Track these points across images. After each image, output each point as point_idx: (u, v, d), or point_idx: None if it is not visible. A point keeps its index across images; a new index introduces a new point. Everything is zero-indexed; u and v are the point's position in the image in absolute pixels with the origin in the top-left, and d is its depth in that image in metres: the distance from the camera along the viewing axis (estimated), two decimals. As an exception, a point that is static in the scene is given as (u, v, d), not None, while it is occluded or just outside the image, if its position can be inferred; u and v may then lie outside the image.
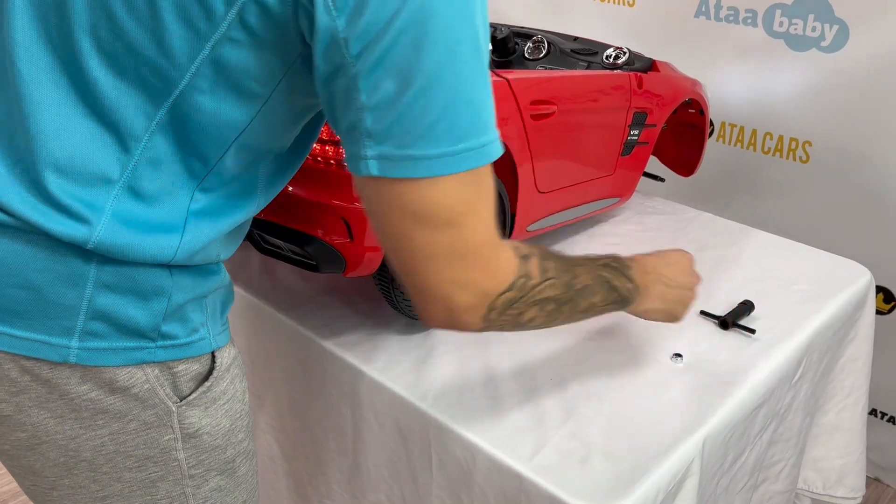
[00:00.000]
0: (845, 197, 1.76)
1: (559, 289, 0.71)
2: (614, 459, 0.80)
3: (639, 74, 1.28)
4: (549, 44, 1.35)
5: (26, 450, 0.68)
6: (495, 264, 0.64)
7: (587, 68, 1.31)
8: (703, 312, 1.09)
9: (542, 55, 1.34)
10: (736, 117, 1.91)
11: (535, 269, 0.68)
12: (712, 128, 1.94)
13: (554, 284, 0.71)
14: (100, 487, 0.69)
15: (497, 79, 1.01)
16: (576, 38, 1.42)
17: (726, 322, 1.05)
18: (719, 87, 1.88)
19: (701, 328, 1.06)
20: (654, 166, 1.57)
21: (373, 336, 1.01)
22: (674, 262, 0.89)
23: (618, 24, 2.04)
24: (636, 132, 1.31)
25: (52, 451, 0.67)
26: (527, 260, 0.68)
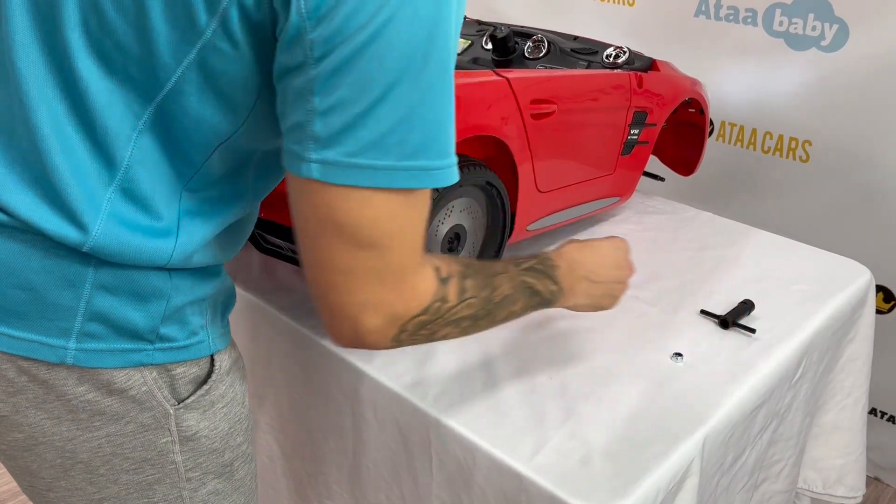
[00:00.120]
0: (845, 196, 1.76)
1: (476, 307, 0.70)
2: (614, 459, 0.80)
3: (639, 74, 1.28)
4: (549, 43, 1.35)
5: (23, 450, 0.68)
6: (412, 289, 0.62)
7: (587, 68, 1.31)
8: (703, 312, 1.09)
9: (542, 54, 1.34)
10: (736, 117, 1.91)
11: (452, 292, 0.66)
12: (712, 127, 1.94)
13: (471, 304, 0.69)
14: (96, 489, 0.69)
15: (497, 78, 1.01)
16: (576, 38, 1.42)
17: (726, 321, 1.05)
18: (719, 86, 1.88)
19: (701, 328, 1.06)
20: (654, 166, 1.57)
21: (373, 335, 1.01)
22: (605, 255, 0.86)
23: (618, 24, 2.04)
24: (636, 131, 1.31)
25: (48, 452, 0.67)
26: (445, 283, 0.66)
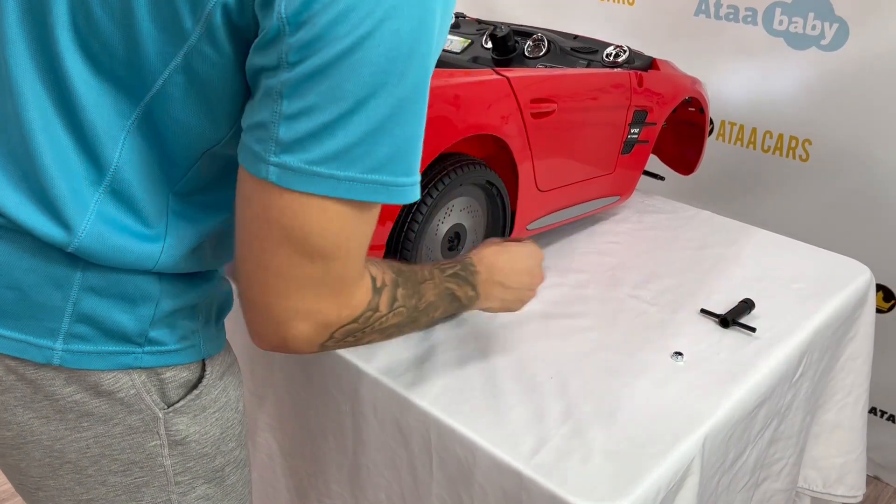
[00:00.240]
0: (845, 195, 1.76)
1: (403, 316, 0.70)
2: (615, 458, 0.80)
3: (639, 73, 1.28)
4: (549, 42, 1.35)
5: (12, 448, 0.68)
6: (347, 299, 0.62)
7: (587, 67, 1.31)
8: (703, 311, 1.09)
9: (542, 53, 1.34)
10: (736, 116, 1.91)
11: (384, 302, 0.66)
12: (712, 126, 1.94)
13: (399, 313, 0.69)
14: (84, 490, 0.69)
15: (497, 77, 1.01)
16: (576, 37, 1.42)
17: (726, 320, 1.05)
18: (719, 85, 1.88)
19: (701, 327, 1.06)
20: (654, 165, 1.57)
21: (373, 334, 1.01)
22: (520, 261, 0.88)
23: (618, 23, 2.04)
24: (636, 130, 1.31)
25: (37, 450, 0.67)
26: (379, 293, 0.66)
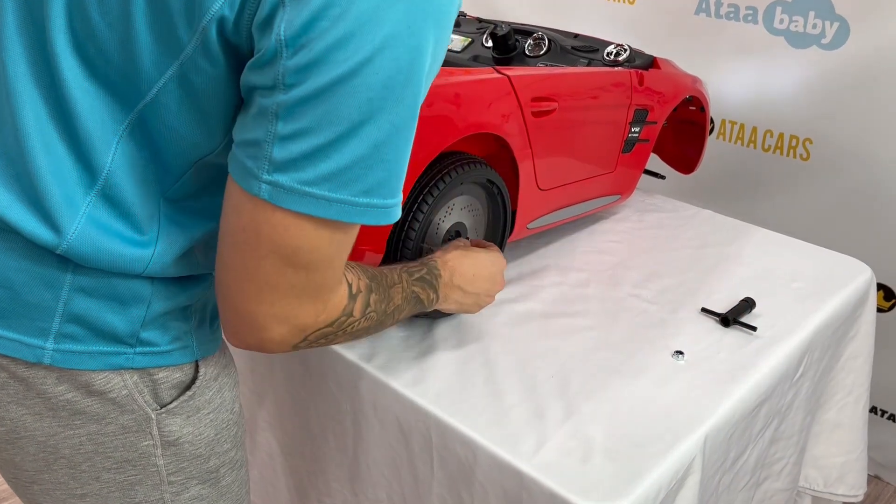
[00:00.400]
0: (846, 194, 1.76)
1: (373, 320, 0.72)
2: (615, 457, 0.80)
3: (639, 71, 1.28)
4: (549, 41, 1.34)
5: (6, 443, 0.68)
6: (324, 304, 0.63)
7: (588, 65, 1.31)
8: (704, 310, 1.09)
9: (542, 52, 1.34)
10: (736, 115, 1.91)
11: (358, 308, 0.68)
12: (712, 125, 1.94)
13: (371, 318, 0.71)
14: (78, 485, 0.69)
15: (498, 76, 1.01)
16: (576, 36, 1.42)
17: (727, 319, 1.05)
18: (720, 84, 1.88)
19: (702, 326, 1.06)
20: (654, 164, 1.57)
21: (373, 333, 1.01)
22: (483, 267, 0.90)
23: (618, 21, 2.04)
24: (637, 129, 1.31)
25: (31, 446, 0.67)
26: (354, 299, 0.67)
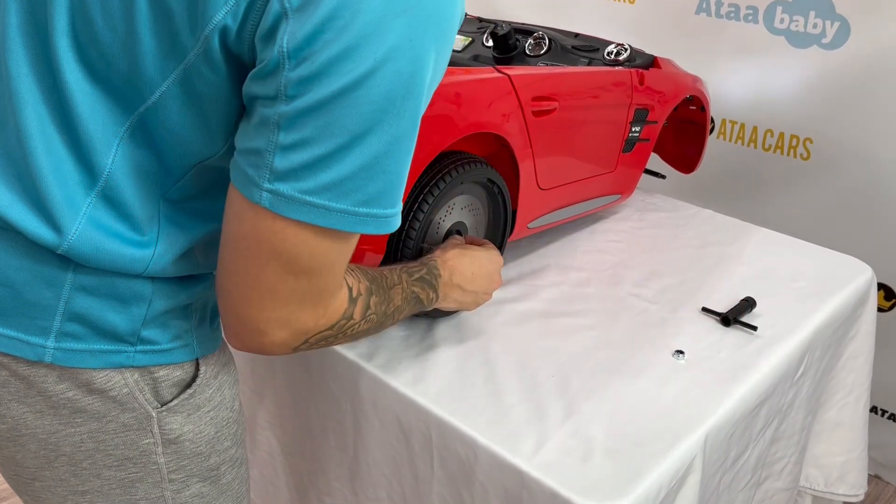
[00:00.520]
0: (846, 194, 1.76)
1: (373, 322, 0.72)
2: (616, 456, 0.79)
3: (640, 71, 1.28)
4: (550, 40, 1.34)
5: (7, 440, 0.68)
6: (325, 309, 0.64)
7: (588, 65, 1.31)
8: (704, 309, 1.09)
9: (543, 52, 1.34)
10: (737, 114, 1.91)
11: (358, 311, 0.68)
12: (713, 125, 1.94)
13: (371, 320, 0.71)
14: (80, 482, 0.69)
15: (498, 75, 1.01)
16: (577, 35, 1.42)
17: (728, 319, 1.05)
18: (720, 83, 1.88)
19: (702, 325, 1.06)
20: (655, 163, 1.57)
21: (373, 332, 1.01)
22: (481, 266, 0.91)
23: (619, 21, 2.04)
24: (637, 129, 1.31)
25: (32, 443, 0.67)
26: (355, 302, 0.68)
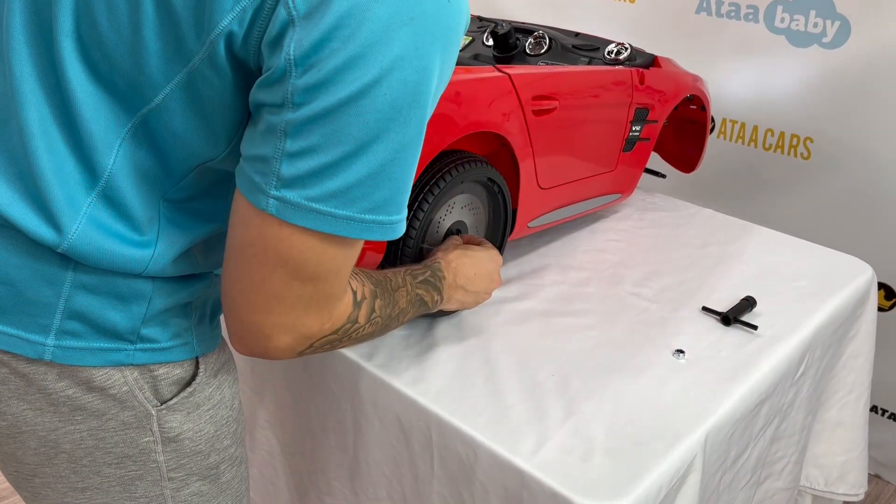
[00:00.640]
0: (847, 193, 1.76)
1: (378, 325, 0.72)
2: (616, 456, 0.79)
3: (640, 70, 1.28)
4: (550, 39, 1.34)
5: (7, 437, 0.68)
6: (330, 313, 0.64)
7: (589, 64, 1.31)
8: (704, 309, 1.09)
9: (543, 51, 1.34)
10: (737, 114, 1.91)
11: (363, 314, 0.69)
12: (713, 124, 1.94)
13: (375, 323, 0.72)
14: (80, 479, 0.69)
15: (499, 74, 1.01)
16: (577, 34, 1.42)
17: (728, 318, 1.05)
18: (720, 83, 1.87)
19: (703, 324, 1.06)
20: (655, 162, 1.57)
21: (374, 332, 1.00)
22: (483, 266, 0.92)
23: (619, 20, 2.04)
24: (638, 128, 1.31)
25: (32, 440, 0.67)
26: (359, 306, 0.68)
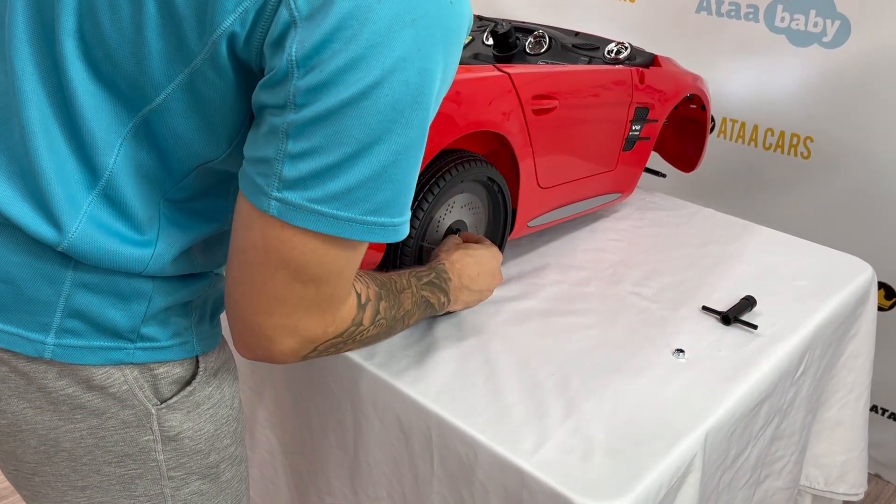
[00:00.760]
0: (847, 193, 1.76)
1: (383, 327, 0.72)
2: (616, 455, 0.79)
3: (640, 70, 1.28)
4: (550, 39, 1.34)
5: (7, 436, 0.68)
6: (333, 316, 0.64)
7: (589, 63, 1.31)
8: (704, 308, 1.09)
9: (543, 50, 1.34)
10: (737, 113, 1.91)
11: (368, 316, 0.69)
12: (713, 123, 1.94)
13: (380, 325, 0.71)
14: (79, 477, 0.69)
15: (499, 73, 1.01)
16: (577, 34, 1.42)
17: (728, 318, 1.05)
18: (720, 82, 1.87)
19: (703, 324, 1.06)
20: (655, 162, 1.57)
21: (374, 331, 1.00)
22: (485, 264, 0.93)
23: (619, 20, 2.04)
24: (638, 127, 1.31)
25: (32, 438, 0.67)
26: (363, 308, 0.68)
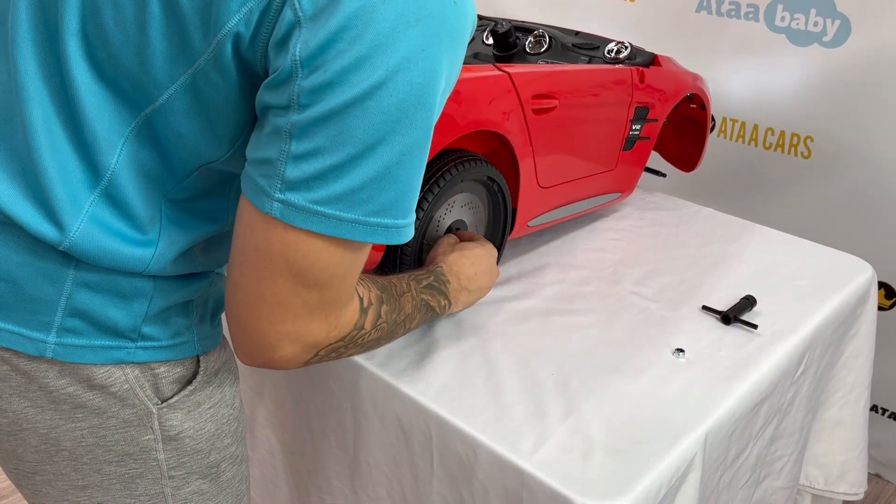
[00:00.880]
0: (847, 193, 1.76)
1: (384, 331, 0.72)
2: (616, 455, 0.79)
3: (640, 69, 1.28)
4: (550, 38, 1.34)
5: (8, 435, 0.68)
6: (336, 320, 0.63)
7: (589, 63, 1.31)
8: (704, 308, 1.09)
9: (543, 49, 1.33)
10: (737, 113, 1.91)
11: (369, 320, 0.68)
12: (713, 123, 1.94)
13: (381, 329, 0.71)
14: (80, 476, 0.69)
15: (499, 73, 1.01)
16: (577, 33, 1.42)
17: (728, 317, 1.05)
18: (721, 82, 1.87)
19: (703, 323, 1.06)
20: (655, 161, 1.57)
21: (373, 331, 1.00)
22: (481, 262, 0.93)
23: (619, 19, 2.04)
24: (638, 127, 1.31)
25: (32, 437, 0.67)
26: (365, 312, 0.68)
